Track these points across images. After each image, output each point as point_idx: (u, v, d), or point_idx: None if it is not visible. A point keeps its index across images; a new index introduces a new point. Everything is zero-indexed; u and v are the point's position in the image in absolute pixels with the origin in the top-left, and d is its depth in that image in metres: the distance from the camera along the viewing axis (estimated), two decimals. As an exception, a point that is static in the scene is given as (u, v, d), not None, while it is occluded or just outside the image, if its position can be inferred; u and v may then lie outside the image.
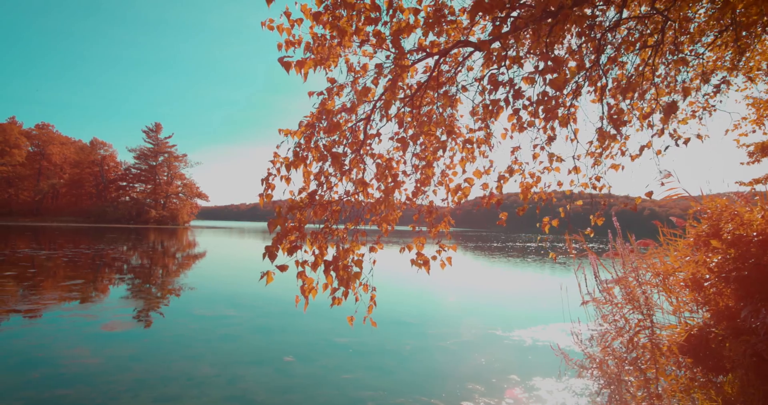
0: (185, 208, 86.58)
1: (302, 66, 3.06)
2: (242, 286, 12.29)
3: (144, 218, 79.28)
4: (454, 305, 10.22)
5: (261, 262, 14.92)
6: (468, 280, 14.47)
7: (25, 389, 4.70)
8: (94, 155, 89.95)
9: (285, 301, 10.06)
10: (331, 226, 3.05)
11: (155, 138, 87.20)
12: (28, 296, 9.75)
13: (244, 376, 5.33)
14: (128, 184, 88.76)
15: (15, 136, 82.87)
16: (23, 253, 19.89)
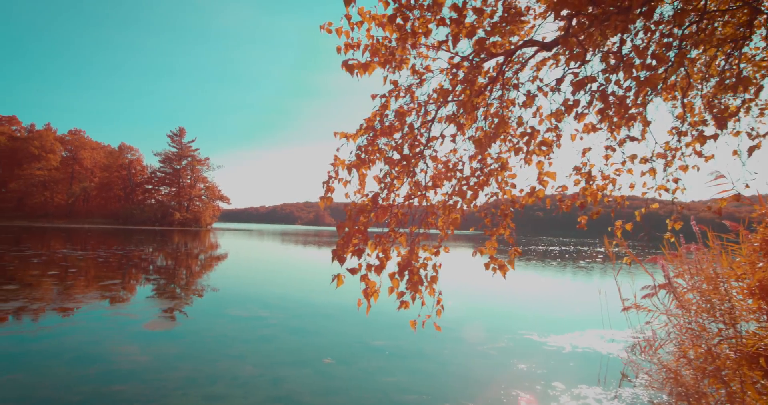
0: (207, 211, 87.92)
1: (366, 69, 3.13)
2: (269, 288, 12.43)
3: (168, 220, 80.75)
4: (486, 309, 10.16)
5: (283, 264, 15.32)
6: (496, 284, 14.36)
7: (83, 384, 4.86)
8: (122, 159, 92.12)
9: (315, 303, 10.15)
10: (396, 230, 3.08)
11: (179, 142, 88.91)
12: (73, 295, 10.05)
13: (286, 376, 5.40)
14: (154, 187, 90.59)
15: (50, 141, 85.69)
16: (61, 253, 20.50)
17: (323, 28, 3.36)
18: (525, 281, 16.05)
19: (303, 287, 12.96)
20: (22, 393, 4.59)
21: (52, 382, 4.90)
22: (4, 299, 9.17)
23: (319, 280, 14.73)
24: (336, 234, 22.55)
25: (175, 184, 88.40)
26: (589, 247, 46.74)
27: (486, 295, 12.55)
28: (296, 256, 26.16)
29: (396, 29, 2.97)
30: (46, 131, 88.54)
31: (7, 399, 4.44)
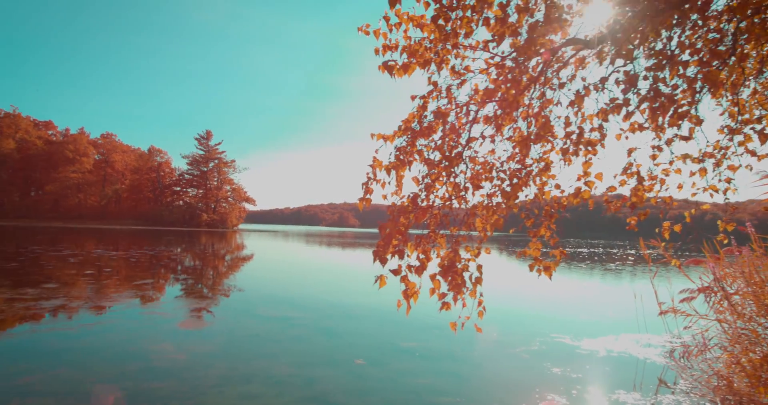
0: (234, 212, 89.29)
1: (406, 70, 3.14)
2: (297, 288, 12.54)
3: (196, 221, 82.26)
4: (515, 312, 10.04)
5: (309, 265, 15.43)
6: (525, 286, 14.18)
7: (125, 380, 4.99)
8: (152, 162, 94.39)
9: (343, 304, 10.20)
10: (437, 231, 3.08)
11: (206, 145, 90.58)
12: (109, 294, 10.33)
13: (319, 377, 5.44)
14: (182, 189, 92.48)
15: (84, 145, 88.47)
16: (96, 253, 21.10)
17: (360, 30, 3.39)
18: (554, 283, 15.81)
19: (330, 288, 13.04)
20: (68, 388, 4.73)
21: (93, 378, 5.04)
22: (45, 297, 9.48)
23: (346, 282, 14.81)
24: (360, 235, 22.91)
25: (202, 186, 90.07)
26: (619, 249, 45.77)
27: (515, 297, 12.41)
28: (322, 257, 26.33)
29: (436, 30, 2.97)
30: (80, 135, 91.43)
31: (55, 393, 4.59)
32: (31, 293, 9.89)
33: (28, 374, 5.08)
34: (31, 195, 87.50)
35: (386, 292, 12.08)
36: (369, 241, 49.87)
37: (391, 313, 9.38)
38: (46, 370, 5.24)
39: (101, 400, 4.50)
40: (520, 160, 3.41)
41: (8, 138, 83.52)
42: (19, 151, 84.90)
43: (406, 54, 3.33)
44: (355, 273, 18.06)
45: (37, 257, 18.19)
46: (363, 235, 75.10)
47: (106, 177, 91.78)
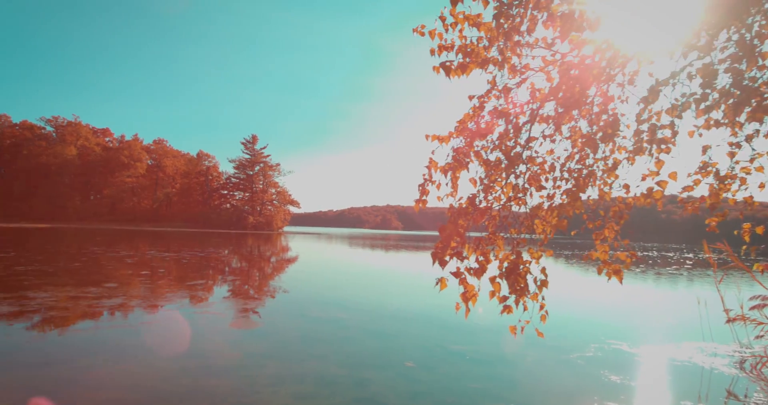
0: (279, 215, 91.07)
1: (464, 70, 3.11)
2: (343, 290, 12.63)
3: (243, 224, 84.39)
4: (568, 316, 9.76)
5: (353, 267, 15.52)
6: (577, 290, 13.76)
7: (183, 377, 5.16)
8: (200, 166, 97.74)
9: (391, 306, 10.19)
10: (495, 233, 3.02)
11: (252, 149, 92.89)
12: (164, 294, 10.73)
13: (370, 378, 5.45)
14: (229, 192, 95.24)
15: (138, 151, 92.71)
16: (150, 254, 21.99)
17: (416, 31, 3.37)
18: (608, 288, 15.28)
19: (376, 290, 13.07)
20: (133, 382, 4.93)
21: (156, 374, 5.23)
22: (106, 296, 9.95)
23: (391, 284, 14.81)
24: (404, 238, 22.91)
25: (248, 190, 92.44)
26: (675, 252, 43.78)
27: (566, 301, 12.06)
28: (366, 259, 26.47)
29: (495, 28, 2.93)
30: (134, 141, 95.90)
31: (122, 387, 4.80)
32: (94, 292, 10.39)
33: (95, 369, 5.32)
34: (90, 199, 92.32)
35: (433, 295, 11.99)
36: (413, 244, 49.77)
37: (438, 316, 9.30)
38: (110, 365, 5.48)
39: (163, 395, 4.66)
40: (580, 159, 3.30)
41: (70, 145, 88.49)
42: (80, 157, 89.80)
43: (461, 54, 3.29)
44: (400, 275, 18.05)
45: (97, 258, 19.13)
46: (406, 238, 75.03)
47: (158, 181, 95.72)
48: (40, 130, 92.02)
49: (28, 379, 4.92)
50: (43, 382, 4.88)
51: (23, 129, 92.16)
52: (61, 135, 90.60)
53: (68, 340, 6.58)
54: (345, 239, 59.51)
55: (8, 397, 4.44)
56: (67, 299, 9.41)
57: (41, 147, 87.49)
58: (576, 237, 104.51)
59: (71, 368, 5.32)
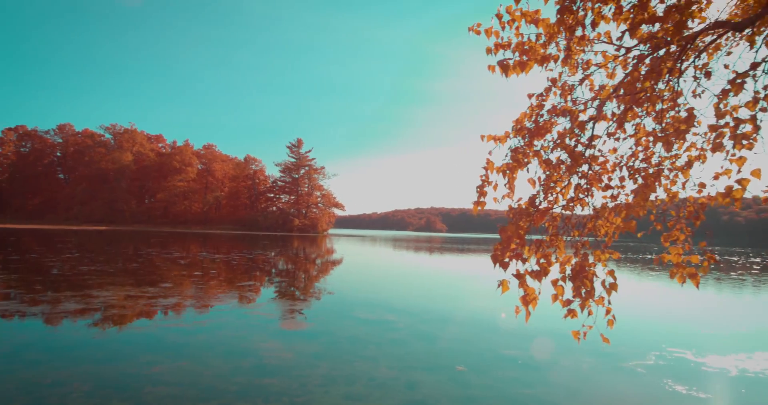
0: (324, 217, 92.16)
1: (524, 67, 3.04)
2: (389, 292, 12.62)
3: (289, 227, 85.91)
4: (623, 321, 9.38)
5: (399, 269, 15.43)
6: (634, 294, 13.20)
7: (238, 375, 5.28)
8: (248, 170, 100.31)
9: (439, 309, 10.11)
10: (559, 235, 2.93)
11: (297, 153, 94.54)
12: (216, 294, 11.05)
13: (421, 381, 5.40)
14: (275, 195, 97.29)
15: (189, 156, 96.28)
16: (201, 256, 22.73)
17: (471, 30, 3.32)
18: (668, 292, 14.61)
19: (423, 293, 13.00)
20: (190, 379, 5.09)
21: (212, 372, 5.37)
22: (162, 295, 10.34)
23: (438, 286, 14.70)
24: (449, 240, 22.66)
25: (294, 193, 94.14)
26: (740, 256, 41.36)
27: (622, 306, 11.60)
28: (411, 261, 26.41)
29: (556, 24, 2.85)
30: (185, 147, 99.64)
31: (180, 383, 4.96)
32: (151, 292, 10.82)
33: (156, 365, 5.53)
34: (145, 202, 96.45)
35: (481, 298, 11.83)
36: (457, 246, 49.27)
37: (488, 319, 9.16)
38: (170, 362, 5.68)
39: (219, 393, 4.78)
40: (645, 158, 3.16)
41: (127, 151, 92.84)
42: (136, 162, 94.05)
43: (518, 52, 3.22)
44: (446, 278, 17.90)
45: (153, 259, 19.94)
46: (451, 240, 74.39)
47: (207, 185, 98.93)
48: (100, 138, 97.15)
49: (96, 373, 5.16)
50: (110, 376, 5.10)
51: (85, 137, 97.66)
52: (118, 142, 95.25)
53: (129, 337, 6.86)
54: (389, 242, 59.63)
55: (79, 389, 4.66)
56: (126, 298, 9.83)
57: (101, 153, 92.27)
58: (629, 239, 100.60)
59: (134, 364, 5.54)
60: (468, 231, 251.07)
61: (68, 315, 8.02)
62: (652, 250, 51.47)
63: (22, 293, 10.05)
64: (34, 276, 13.11)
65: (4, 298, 9.48)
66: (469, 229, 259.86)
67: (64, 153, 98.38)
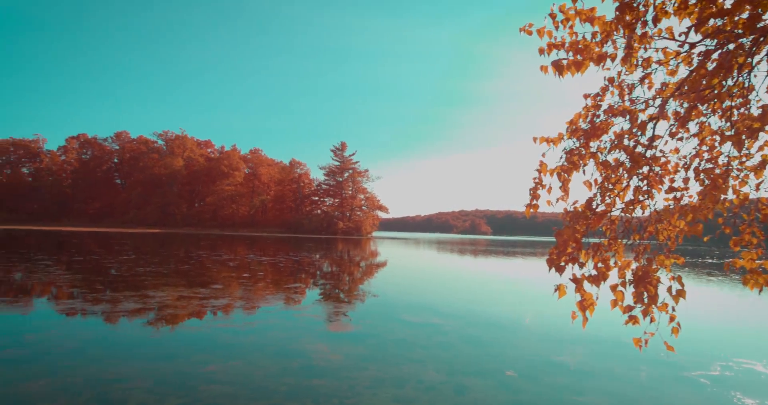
0: (368, 220, 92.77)
1: (579, 67, 2.96)
2: (435, 295, 12.54)
3: (333, 229, 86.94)
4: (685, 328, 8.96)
5: (442, 272, 15.28)
6: (692, 299, 12.59)
7: (288, 376, 5.37)
8: (293, 174, 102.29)
9: (486, 313, 9.96)
10: (618, 239, 2.83)
11: (341, 156, 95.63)
12: (264, 296, 11.31)
13: (470, 386, 5.34)
14: (319, 198, 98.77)
15: (236, 160, 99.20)
16: (249, 258, 23.32)
17: (522, 30, 3.26)
18: (732, 299, 13.87)
19: (469, 296, 12.86)
20: (242, 379, 5.22)
21: (263, 372, 5.49)
22: (214, 296, 10.67)
23: (484, 290, 14.51)
24: (494, 243, 22.30)
25: (338, 196, 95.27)
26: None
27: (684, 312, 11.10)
28: (455, 264, 26.18)
29: (615, 21, 2.76)
30: (233, 151, 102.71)
31: (233, 382, 5.09)
32: (203, 292, 11.19)
33: (209, 364, 5.70)
34: (195, 206, 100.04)
35: (529, 302, 11.59)
36: (503, 249, 48.51)
37: (538, 324, 8.95)
38: (222, 361, 5.84)
39: (269, 393, 4.88)
40: (711, 158, 3.01)
41: (178, 157, 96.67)
42: (186, 167, 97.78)
43: (572, 51, 3.14)
44: (492, 281, 17.65)
45: (203, 261, 20.61)
46: (496, 243, 73.27)
47: (254, 189, 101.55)
48: (153, 144, 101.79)
49: (155, 370, 5.38)
50: (167, 373, 5.30)
51: (139, 143, 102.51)
52: (170, 147, 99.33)
53: (183, 336, 7.11)
54: (433, 244, 59.34)
55: (140, 385, 4.87)
56: (179, 298, 10.20)
57: (154, 159, 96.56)
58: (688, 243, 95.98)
59: (189, 363, 5.73)
60: (514, 233, 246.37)
61: (127, 314, 8.39)
62: (713, 254, 48.91)
63: (85, 292, 10.60)
64: (95, 276, 13.82)
65: (69, 297, 10.03)
66: (514, 232, 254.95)
67: (120, 159, 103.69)
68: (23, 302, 9.39)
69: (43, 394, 4.57)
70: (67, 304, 9.31)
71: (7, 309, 8.57)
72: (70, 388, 4.75)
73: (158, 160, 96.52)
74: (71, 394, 4.59)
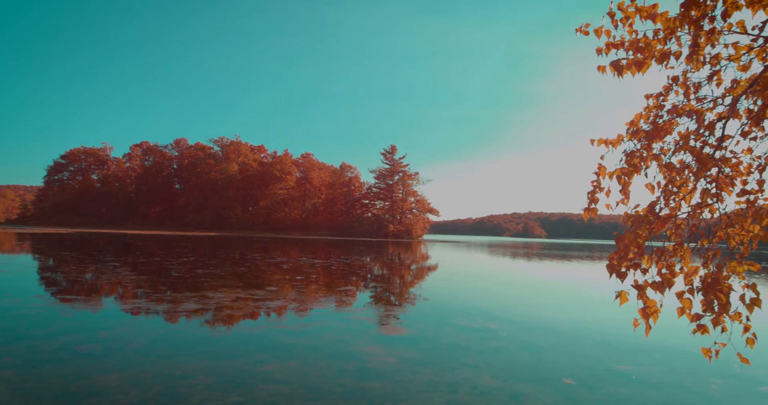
0: (418, 223, 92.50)
1: (640, 67, 2.87)
2: (488, 300, 12.36)
3: (383, 232, 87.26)
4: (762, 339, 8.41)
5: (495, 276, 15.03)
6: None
7: (343, 377, 5.46)
8: (343, 177, 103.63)
9: (542, 318, 9.73)
10: (684, 244, 2.71)
11: (391, 159, 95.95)
12: (318, 298, 11.53)
13: (526, 393, 5.23)
14: (370, 201, 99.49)
15: (288, 164, 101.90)
16: (302, 261, 23.82)
17: (579, 31, 3.20)
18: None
19: (524, 301, 12.60)
20: (298, 379, 5.34)
21: (318, 373, 5.60)
22: (269, 298, 10.97)
23: (539, 295, 14.17)
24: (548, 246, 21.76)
25: (388, 199, 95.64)
26: None
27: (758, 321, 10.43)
28: (508, 268, 25.71)
29: (680, 17, 2.66)
30: (285, 156, 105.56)
31: (290, 382, 5.22)
32: (258, 294, 11.53)
33: (267, 363, 5.87)
34: (249, 209, 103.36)
35: (589, 308, 11.22)
36: (558, 253, 47.18)
37: (597, 331, 8.66)
38: (279, 361, 6.00)
39: (325, 393, 4.98)
40: (787, 157, 2.83)
41: (233, 162, 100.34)
42: (241, 172, 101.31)
43: (632, 50, 3.04)
44: (548, 286, 17.21)
45: (258, 263, 21.24)
46: (551, 246, 71.36)
47: (306, 192, 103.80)
48: (210, 150, 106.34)
49: (216, 368, 5.60)
50: (228, 371, 5.50)
51: (197, 149, 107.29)
52: (225, 153, 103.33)
53: (241, 336, 7.36)
54: (484, 247, 58.51)
55: (203, 382, 5.09)
56: (236, 300, 10.56)
57: (210, 165, 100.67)
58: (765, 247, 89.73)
59: (248, 362, 5.93)
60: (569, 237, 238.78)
61: (188, 314, 8.77)
62: None
63: (149, 293, 11.18)
64: (157, 277, 14.54)
65: (135, 297, 10.61)
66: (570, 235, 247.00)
67: (179, 165, 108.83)
68: (94, 301, 10.02)
69: (116, 387, 4.86)
70: (134, 303, 9.86)
71: (81, 307, 9.16)
72: (140, 382, 5.03)
73: (214, 165, 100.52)
74: (141, 387, 4.86)
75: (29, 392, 4.64)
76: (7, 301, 9.46)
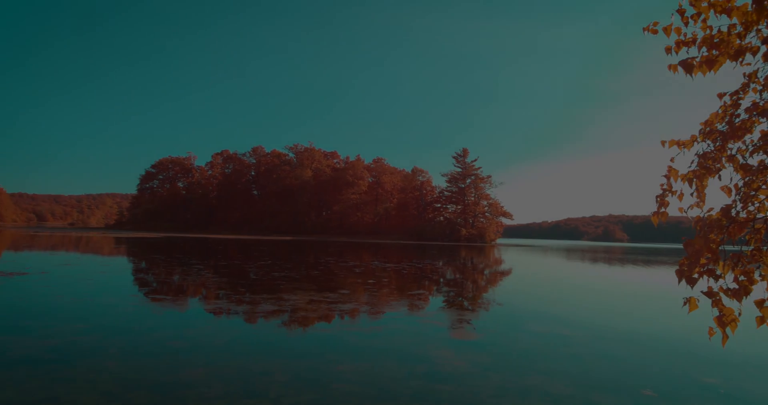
0: (491, 227, 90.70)
1: (712, 65, 2.76)
2: (563, 306, 11.98)
3: (456, 236, 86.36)
4: None
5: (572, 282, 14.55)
6: None
7: (413, 380, 5.56)
8: (415, 181, 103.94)
9: (619, 327, 9.31)
10: (764, 249, 2.58)
11: (463, 162, 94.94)
12: (389, 301, 11.73)
13: (600, 402, 5.07)
14: (442, 205, 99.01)
15: (360, 169, 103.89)
16: (374, 265, 24.23)
17: (647, 30, 3.12)
18: None
19: (601, 308, 12.10)
20: (369, 380, 5.52)
21: (389, 374, 5.74)
22: (341, 301, 11.32)
23: (619, 302, 13.54)
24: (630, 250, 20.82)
25: (460, 202, 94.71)
26: None
27: None
28: (586, 274, 24.67)
29: (755, 10, 2.54)
30: (357, 161, 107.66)
31: (361, 382, 5.41)
32: (331, 297, 11.91)
33: (340, 364, 6.10)
34: (323, 214, 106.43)
35: (673, 316, 10.59)
36: (642, 257, 44.52)
37: (682, 340, 8.18)
38: (351, 362, 6.22)
39: (395, 395, 5.11)
40: None
41: (307, 168, 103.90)
42: (314, 178, 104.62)
43: (705, 47, 2.93)
44: (629, 292, 16.37)
45: (331, 267, 21.87)
46: (634, 251, 67.38)
47: (377, 197, 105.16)
48: (285, 157, 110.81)
49: (292, 366, 5.90)
50: (303, 370, 5.79)
51: (273, 157, 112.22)
52: (299, 160, 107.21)
53: (316, 337, 7.68)
54: (562, 252, 56.39)
55: (280, 379, 5.40)
56: (311, 302, 10.98)
57: (285, 171, 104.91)
58: None
59: (322, 361, 6.19)
60: (655, 241, 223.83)
61: (265, 315, 9.26)
62: None
63: (229, 294, 11.90)
64: (237, 279, 15.42)
65: (217, 298, 11.36)
66: (656, 239, 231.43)
67: (257, 172, 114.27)
68: (181, 300, 10.85)
69: (200, 381, 5.26)
70: (216, 303, 10.56)
71: (169, 306, 9.96)
72: (222, 377, 5.41)
73: (289, 171, 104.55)
74: (223, 382, 5.24)
75: (128, 382, 5.15)
76: (108, 300, 10.46)
